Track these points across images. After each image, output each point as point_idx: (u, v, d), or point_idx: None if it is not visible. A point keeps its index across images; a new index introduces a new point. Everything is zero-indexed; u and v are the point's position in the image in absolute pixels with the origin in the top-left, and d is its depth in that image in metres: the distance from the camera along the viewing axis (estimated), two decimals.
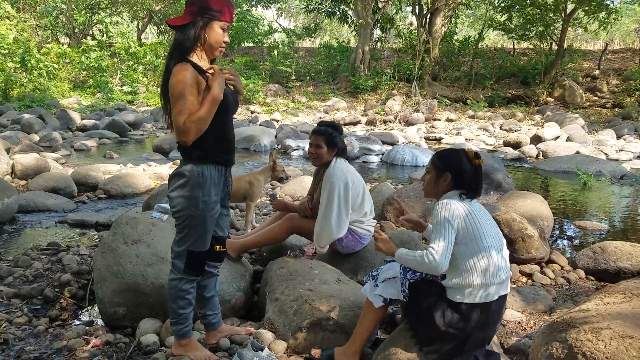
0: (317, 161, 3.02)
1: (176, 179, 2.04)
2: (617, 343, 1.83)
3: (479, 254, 1.93)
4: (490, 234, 1.98)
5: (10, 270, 3.31)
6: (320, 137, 2.98)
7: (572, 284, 3.48)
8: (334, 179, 2.90)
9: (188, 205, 2.01)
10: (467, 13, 29.36)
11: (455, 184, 2.04)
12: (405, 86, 18.63)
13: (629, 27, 30.30)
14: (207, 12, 1.94)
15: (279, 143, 10.22)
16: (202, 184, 2.01)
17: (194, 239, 2.07)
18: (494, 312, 1.98)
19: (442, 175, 2.05)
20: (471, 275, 1.92)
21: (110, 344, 2.44)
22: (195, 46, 1.98)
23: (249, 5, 24.06)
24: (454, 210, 1.94)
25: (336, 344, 2.27)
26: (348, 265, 3.07)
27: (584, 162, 8.12)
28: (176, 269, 2.13)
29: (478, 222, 1.97)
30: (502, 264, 1.98)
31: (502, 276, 1.97)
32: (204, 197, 2.01)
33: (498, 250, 1.98)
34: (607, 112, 16.30)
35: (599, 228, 4.98)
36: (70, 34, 23.91)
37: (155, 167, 7.12)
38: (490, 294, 1.94)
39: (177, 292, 2.13)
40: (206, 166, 2.02)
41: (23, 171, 6.10)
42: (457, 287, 1.95)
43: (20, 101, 13.79)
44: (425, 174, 2.16)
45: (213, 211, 2.07)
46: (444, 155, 2.12)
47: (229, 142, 2.10)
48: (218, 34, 1.98)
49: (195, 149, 1.99)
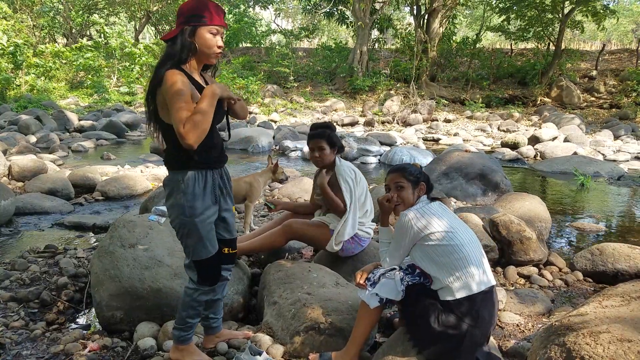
0: (322, 163, 3.06)
1: (165, 190, 2.06)
2: (615, 347, 1.83)
3: (456, 254, 2.04)
4: (460, 230, 2.12)
5: (7, 273, 3.29)
6: (321, 140, 3.02)
7: (570, 285, 3.48)
8: (347, 177, 2.96)
9: (178, 213, 2.01)
10: (465, 13, 29.40)
11: (427, 191, 2.26)
12: (403, 87, 18.65)
13: (626, 28, 30.41)
14: (191, 19, 1.93)
15: (277, 144, 10.21)
16: (185, 191, 1.98)
17: (193, 247, 2.06)
18: (483, 305, 2.03)
19: (418, 186, 2.25)
20: (452, 273, 2.03)
21: (107, 348, 2.43)
22: (187, 56, 1.95)
23: (246, 6, 24.06)
24: (423, 221, 2.10)
25: (334, 348, 2.26)
26: (346, 268, 3.06)
27: (582, 163, 8.14)
28: (192, 280, 2.13)
29: (449, 221, 2.12)
30: (478, 257, 2.08)
31: (481, 268, 2.06)
32: (189, 203, 1.98)
33: (473, 244, 2.10)
34: (604, 113, 16.35)
35: (597, 229, 4.99)
36: (68, 34, 23.86)
37: (153, 169, 7.10)
38: (472, 286, 2.02)
39: (190, 301, 2.12)
40: (189, 172, 1.99)
41: (20, 173, 6.08)
42: (443, 287, 2.04)
43: (17, 102, 13.75)
44: (397, 191, 2.23)
45: (203, 216, 2.02)
46: (411, 169, 2.30)
47: (210, 146, 2.04)
48: (208, 39, 1.94)
49: (174, 157, 2.00)
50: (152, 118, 2.02)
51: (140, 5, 23.24)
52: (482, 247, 2.20)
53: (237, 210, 5.01)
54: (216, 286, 2.20)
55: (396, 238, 2.17)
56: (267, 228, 3.29)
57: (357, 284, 2.20)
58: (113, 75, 18.94)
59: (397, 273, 2.14)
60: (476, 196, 5.83)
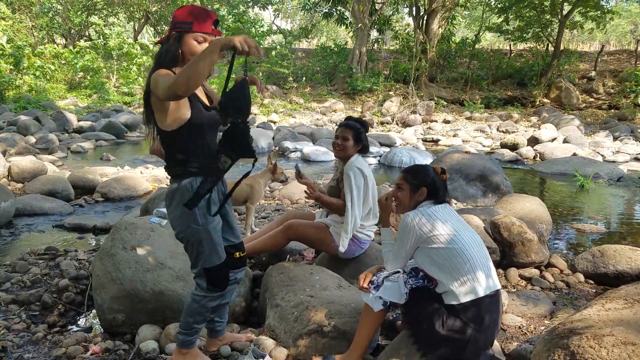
0: (342, 153, 3.04)
1: (170, 200, 2.02)
2: (619, 350, 1.83)
3: (459, 257, 2.02)
4: (465, 234, 2.09)
5: (8, 275, 3.28)
6: (348, 130, 3.01)
7: (572, 287, 3.48)
8: (352, 173, 2.93)
9: (188, 222, 1.98)
10: (463, 14, 29.43)
11: (429, 196, 2.20)
12: (402, 87, 18.66)
13: (625, 29, 30.48)
14: (176, 25, 1.92)
15: (277, 145, 10.20)
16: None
17: (206, 254, 2.02)
18: (488, 309, 2.02)
19: (418, 191, 2.19)
20: (457, 277, 2.00)
21: (109, 351, 2.42)
22: (170, 61, 1.93)
23: (245, 7, 24.03)
24: (424, 223, 2.08)
25: (338, 351, 2.26)
26: (348, 271, 3.06)
27: (581, 164, 8.14)
28: (200, 287, 2.09)
29: (453, 224, 2.10)
30: (483, 261, 2.07)
31: (486, 272, 2.04)
32: (200, 210, 1.97)
33: (477, 247, 2.08)
34: (603, 114, 16.37)
35: (597, 231, 5.00)
36: (66, 34, 23.82)
37: (153, 170, 7.09)
38: (478, 290, 2.00)
39: (198, 308, 2.10)
40: (197, 179, 1.99)
41: (19, 174, 6.06)
42: (447, 291, 2.03)
43: (16, 102, 13.72)
44: (396, 191, 2.25)
45: (214, 223, 2.03)
46: (417, 171, 2.27)
47: (209, 152, 2.03)
48: (193, 45, 1.92)
49: (179, 166, 1.99)
50: (150, 122, 2.02)
51: (139, 6, 23.20)
52: (487, 250, 2.19)
53: (237, 212, 5.01)
54: (226, 291, 2.17)
55: (399, 240, 2.15)
56: (268, 229, 3.29)
57: (361, 287, 2.20)
58: (112, 75, 18.91)
59: (401, 276, 2.14)
60: (476, 197, 5.83)
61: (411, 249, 2.12)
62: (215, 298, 2.12)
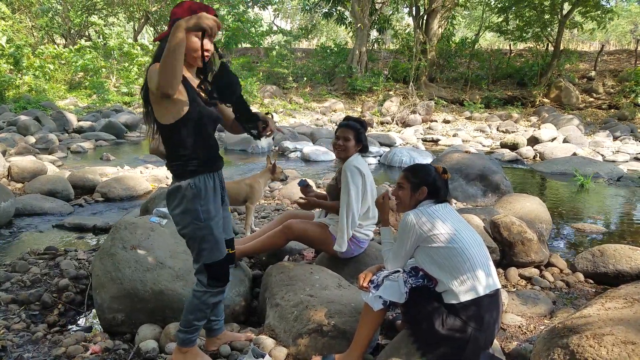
0: (343, 153, 3.04)
1: (172, 198, 2.03)
2: (619, 349, 1.83)
3: (459, 256, 2.02)
4: (465, 233, 2.10)
5: (8, 275, 3.28)
6: (349, 131, 3.01)
7: (572, 287, 3.48)
8: (350, 172, 2.92)
9: (191, 219, 2.00)
10: (463, 14, 29.43)
11: (429, 196, 2.20)
12: (402, 87, 18.67)
13: (625, 29, 30.48)
14: (174, 22, 1.91)
15: (277, 145, 10.20)
16: (198, 195, 1.99)
17: (208, 250, 2.05)
18: (488, 308, 2.02)
19: (418, 190, 2.20)
20: (457, 276, 2.01)
21: (109, 350, 2.42)
22: None
23: (245, 7, 24.04)
24: (424, 221, 2.09)
25: (338, 351, 2.26)
26: (348, 270, 3.06)
27: (581, 163, 8.14)
28: (201, 284, 2.11)
29: (453, 223, 2.10)
30: (483, 260, 2.07)
31: (486, 271, 2.04)
32: (203, 206, 2.00)
33: (478, 247, 2.09)
34: (603, 114, 16.37)
35: (597, 230, 5.00)
36: (66, 34, 23.82)
37: (153, 170, 7.08)
38: (479, 289, 2.00)
39: (199, 304, 2.11)
40: (197, 177, 2.00)
41: (19, 174, 6.06)
42: (447, 290, 2.03)
43: (16, 102, 13.72)
44: (397, 189, 2.25)
45: (217, 218, 2.06)
46: (418, 170, 2.27)
47: (209, 149, 2.07)
48: (192, 41, 1.92)
49: (181, 165, 2.00)
50: (149, 118, 2.02)
51: (139, 6, 23.21)
52: (487, 249, 2.20)
53: (237, 212, 5.01)
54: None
55: (399, 239, 2.16)
56: (268, 229, 3.29)
57: (361, 287, 2.20)
58: (112, 75, 18.91)
59: (401, 275, 2.14)
60: (476, 197, 5.83)
61: (411, 248, 2.12)
62: (216, 294, 2.13)
